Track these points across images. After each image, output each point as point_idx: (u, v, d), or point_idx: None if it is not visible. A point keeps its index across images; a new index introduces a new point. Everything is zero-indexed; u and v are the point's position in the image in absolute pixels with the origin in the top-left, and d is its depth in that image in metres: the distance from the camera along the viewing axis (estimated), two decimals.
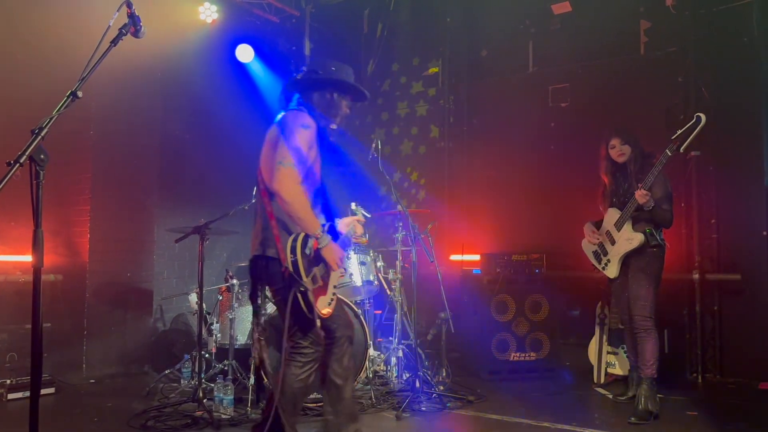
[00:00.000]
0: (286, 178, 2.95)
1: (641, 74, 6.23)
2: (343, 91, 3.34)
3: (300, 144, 3.05)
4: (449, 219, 7.21)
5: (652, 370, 4.29)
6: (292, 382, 3.06)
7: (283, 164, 2.97)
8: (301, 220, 2.98)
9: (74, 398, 5.03)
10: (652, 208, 4.25)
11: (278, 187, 2.95)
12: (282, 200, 2.96)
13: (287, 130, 3.07)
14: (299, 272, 2.92)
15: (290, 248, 2.93)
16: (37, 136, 2.15)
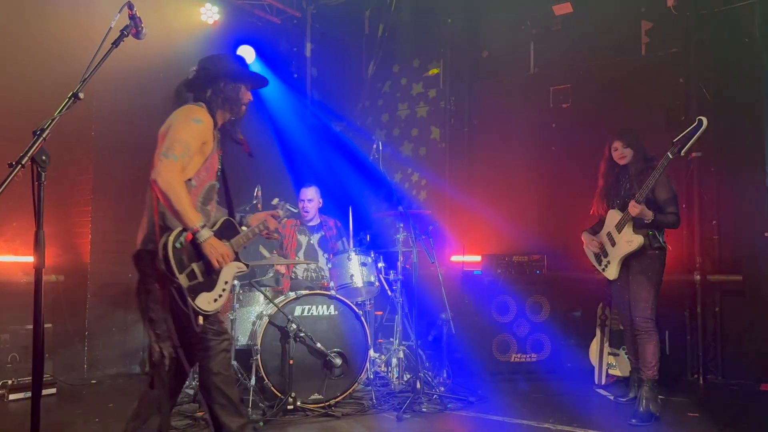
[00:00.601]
0: (165, 170, 2.87)
1: (642, 75, 6.23)
2: (237, 80, 3.29)
3: (188, 137, 3.00)
4: (450, 220, 7.22)
5: (654, 371, 4.28)
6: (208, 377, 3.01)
7: (166, 155, 2.91)
8: (177, 214, 2.90)
9: (75, 399, 5.04)
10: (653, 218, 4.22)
11: (155, 178, 2.87)
12: (158, 192, 2.87)
13: (177, 123, 3.04)
14: (171, 268, 2.85)
15: (162, 244, 2.87)
16: (38, 138, 2.15)
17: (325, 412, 4.41)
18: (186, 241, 2.91)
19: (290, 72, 7.86)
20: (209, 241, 2.97)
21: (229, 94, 3.26)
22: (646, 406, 4.20)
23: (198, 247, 2.95)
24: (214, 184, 3.24)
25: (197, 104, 3.19)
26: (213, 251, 2.98)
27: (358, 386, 4.75)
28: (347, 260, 5.03)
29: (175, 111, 3.17)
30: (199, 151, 3.07)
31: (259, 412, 4.29)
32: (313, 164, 7.45)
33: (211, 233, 3.00)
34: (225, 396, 3.03)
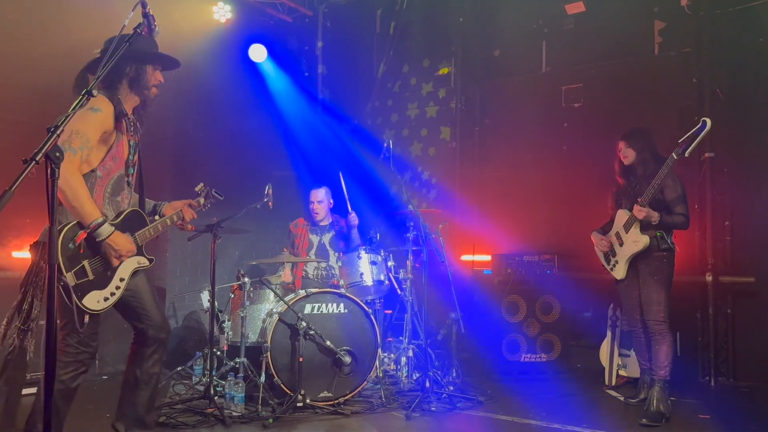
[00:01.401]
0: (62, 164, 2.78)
1: (655, 75, 6.19)
2: (143, 60, 3.16)
3: (85, 128, 2.86)
4: (460, 219, 7.20)
5: (666, 372, 4.28)
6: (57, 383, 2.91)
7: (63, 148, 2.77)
8: (74, 209, 2.81)
9: (87, 394, 5.05)
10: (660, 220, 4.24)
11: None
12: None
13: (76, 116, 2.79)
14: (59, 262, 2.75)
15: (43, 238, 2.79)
16: (52, 134, 2.17)
17: (334, 410, 4.43)
18: (78, 240, 2.79)
19: (301, 70, 7.87)
20: (110, 237, 2.88)
21: (135, 75, 3.14)
22: (656, 406, 4.19)
23: (95, 244, 2.85)
24: (122, 173, 3.12)
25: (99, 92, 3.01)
26: (112, 250, 2.90)
27: (367, 384, 4.76)
28: (357, 259, 5.04)
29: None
30: (101, 141, 2.95)
31: (269, 409, 4.30)
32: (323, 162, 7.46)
33: (112, 229, 2.90)
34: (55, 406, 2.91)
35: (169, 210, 3.44)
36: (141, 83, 3.16)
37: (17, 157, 2.18)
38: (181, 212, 3.42)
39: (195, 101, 6.65)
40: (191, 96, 6.60)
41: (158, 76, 3.26)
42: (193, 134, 6.70)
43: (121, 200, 3.13)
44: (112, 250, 2.90)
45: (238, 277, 4.96)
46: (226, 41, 6.75)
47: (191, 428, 4.00)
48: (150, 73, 3.20)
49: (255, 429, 4.04)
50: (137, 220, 3.13)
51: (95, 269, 2.92)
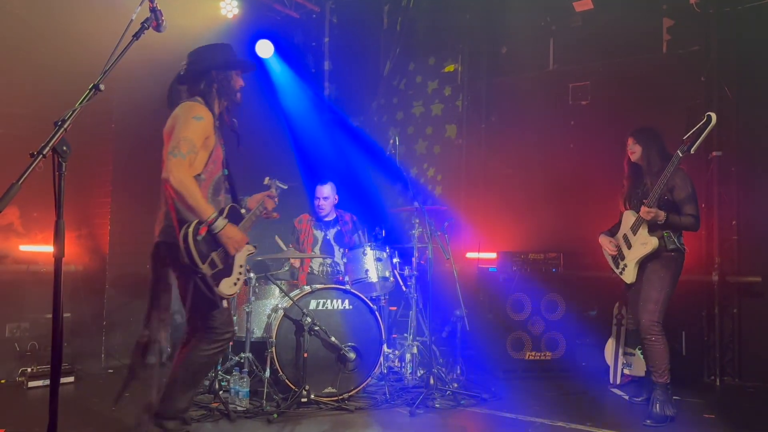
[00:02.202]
0: (175, 169, 3.01)
1: (663, 73, 6.16)
2: (227, 68, 3.40)
3: (192, 135, 3.10)
4: (466, 216, 7.19)
5: (665, 377, 4.21)
6: (196, 355, 3.21)
7: (173, 154, 3.03)
8: (191, 209, 3.05)
9: (93, 387, 5.10)
10: (666, 219, 4.19)
11: (167, 176, 3.01)
12: (171, 190, 3.02)
13: (180, 121, 3.14)
14: (193, 260, 3.01)
15: (182, 237, 3.01)
16: (60, 128, 2.18)
17: (339, 406, 4.43)
18: (200, 234, 3.04)
19: (307, 66, 7.87)
20: (224, 230, 3.10)
21: (221, 83, 3.36)
22: (660, 409, 4.15)
23: (214, 237, 3.08)
24: (221, 175, 3.35)
25: (194, 100, 3.28)
26: (229, 240, 3.13)
27: (372, 381, 4.77)
28: (362, 255, 5.04)
29: (175, 109, 3.26)
30: (203, 147, 3.17)
31: (274, 404, 4.32)
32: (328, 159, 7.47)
33: (225, 222, 3.13)
34: (194, 380, 3.27)
35: (252, 203, 3.66)
36: (228, 90, 3.40)
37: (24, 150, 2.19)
38: (264, 204, 3.63)
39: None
40: None
41: (241, 81, 3.49)
42: None
43: (220, 200, 3.35)
44: (228, 240, 3.13)
45: None
46: (233, 37, 6.74)
47: (196, 422, 4.01)
48: (234, 79, 3.44)
49: (259, 424, 4.05)
50: (236, 215, 3.36)
51: (222, 259, 3.15)
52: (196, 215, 3.06)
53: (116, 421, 4.10)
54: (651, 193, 4.20)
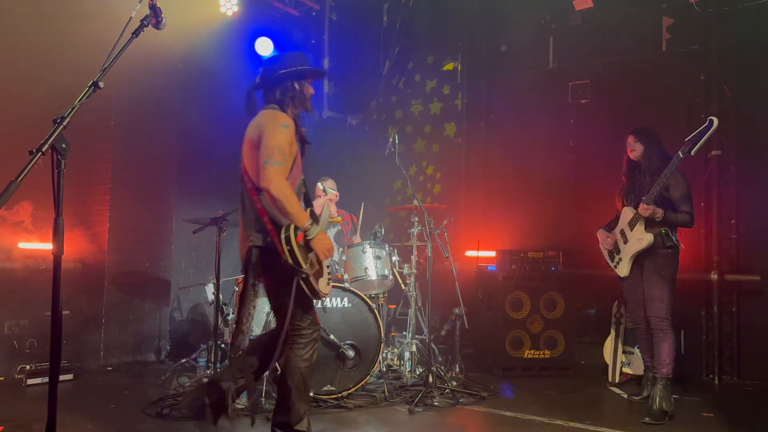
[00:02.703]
0: (274, 177, 3.09)
1: (663, 71, 6.16)
2: (301, 77, 3.48)
3: (282, 143, 3.19)
4: (465, 215, 7.20)
5: (668, 370, 4.27)
6: (298, 362, 3.27)
7: (270, 163, 3.12)
8: (290, 215, 3.14)
9: (92, 385, 5.11)
10: (664, 216, 4.26)
11: (267, 185, 3.09)
12: (271, 197, 3.10)
13: (269, 130, 3.22)
14: (298, 261, 3.10)
15: (285, 239, 3.10)
16: (59, 126, 2.18)
17: (338, 404, 4.43)
18: (299, 240, 3.16)
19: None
20: (318, 237, 3.23)
21: (296, 92, 3.45)
22: (659, 404, 4.18)
23: (307, 242, 3.20)
24: (301, 180, 3.46)
25: (272, 108, 3.39)
26: (320, 245, 3.24)
27: (371, 379, 4.77)
28: (362, 253, 5.04)
29: (258, 117, 3.38)
30: (289, 153, 3.28)
31: (272, 402, 4.31)
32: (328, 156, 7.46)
33: (318, 229, 3.25)
34: (304, 383, 3.31)
35: (317, 209, 3.76)
36: (301, 98, 3.48)
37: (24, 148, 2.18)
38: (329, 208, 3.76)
39: (201, 95, 6.66)
40: (198, 89, 6.62)
41: (311, 89, 3.57)
42: (199, 128, 6.71)
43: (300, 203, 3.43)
44: (321, 246, 3.24)
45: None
46: (232, 34, 6.74)
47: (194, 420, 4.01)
48: (306, 87, 3.52)
49: (258, 421, 4.05)
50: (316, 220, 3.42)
51: (316, 260, 3.27)
52: (292, 221, 3.15)
53: (115, 418, 4.10)
54: (650, 191, 4.25)
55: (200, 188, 6.64)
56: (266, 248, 3.20)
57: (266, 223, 3.18)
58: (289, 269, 3.13)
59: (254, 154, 3.24)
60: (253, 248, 3.24)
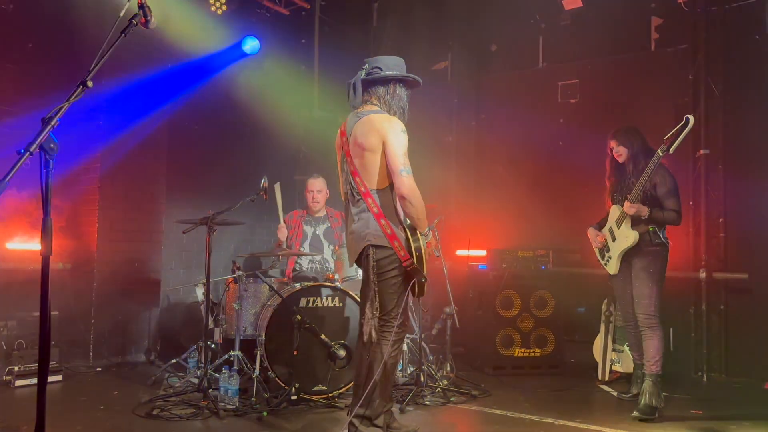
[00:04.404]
0: (412, 184, 3.34)
1: (651, 71, 6.20)
2: (403, 83, 3.61)
3: (405, 149, 3.39)
4: (456, 213, 7.21)
5: (657, 366, 4.29)
6: (385, 358, 3.39)
7: (405, 171, 3.34)
8: (420, 221, 3.40)
9: (81, 386, 5.08)
10: (650, 213, 4.29)
11: (408, 193, 3.32)
12: (410, 204, 3.34)
13: (394, 137, 3.36)
14: (423, 264, 3.36)
15: (415, 247, 3.36)
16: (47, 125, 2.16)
17: (329, 404, 4.43)
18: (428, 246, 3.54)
19: (297, 64, 7.83)
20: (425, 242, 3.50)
21: (399, 97, 3.57)
22: (648, 400, 4.20)
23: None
24: None
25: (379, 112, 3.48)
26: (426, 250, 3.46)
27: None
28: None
29: (372, 121, 3.44)
30: None
31: (263, 402, 4.31)
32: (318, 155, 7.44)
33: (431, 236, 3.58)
34: (389, 380, 3.45)
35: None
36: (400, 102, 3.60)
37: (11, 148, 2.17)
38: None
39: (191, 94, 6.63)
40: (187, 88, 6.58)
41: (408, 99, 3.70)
42: (189, 127, 6.69)
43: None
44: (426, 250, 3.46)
45: (233, 270, 4.95)
46: (222, 33, 6.72)
47: (185, 421, 4.00)
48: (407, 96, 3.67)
49: (249, 422, 4.05)
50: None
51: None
52: (420, 227, 3.42)
53: (104, 419, 4.08)
54: (634, 189, 4.29)
55: (190, 188, 6.62)
56: (384, 248, 3.35)
57: (383, 226, 3.35)
58: (412, 271, 3.34)
59: (371, 158, 3.38)
60: (372, 247, 3.37)
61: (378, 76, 3.52)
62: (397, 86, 3.56)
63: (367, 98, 3.53)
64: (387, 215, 3.37)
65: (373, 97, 3.53)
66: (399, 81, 3.57)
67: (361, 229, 3.42)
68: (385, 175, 3.40)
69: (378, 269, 3.38)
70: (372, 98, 3.53)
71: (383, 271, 3.37)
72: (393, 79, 3.54)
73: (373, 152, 3.36)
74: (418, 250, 3.35)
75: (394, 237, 3.34)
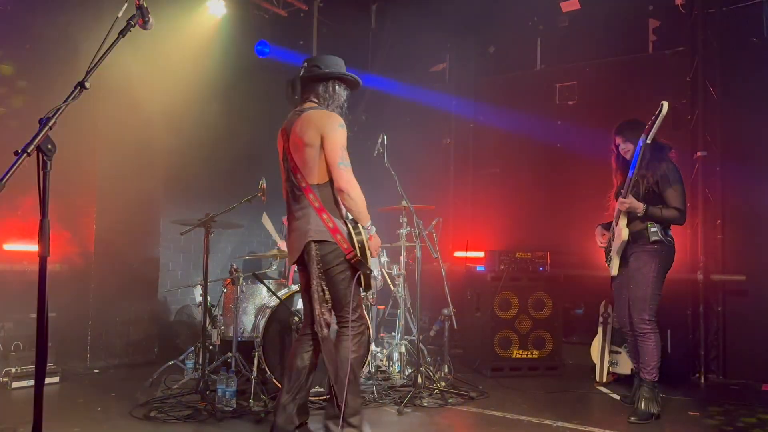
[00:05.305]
0: (350, 177, 3.30)
1: (649, 73, 6.22)
2: (343, 80, 3.59)
3: (344, 142, 3.36)
4: (454, 215, 7.21)
5: (653, 375, 4.23)
6: (347, 354, 3.35)
7: (343, 164, 3.30)
8: (360, 214, 3.37)
9: (78, 387, 5.06)
10: (645, 212, 4.18)
11: (345, 185, 3.29)
12: (348, 198, 3.31)
13: (332, 131, 3.33)
14: (366, 257, 3.33)
15: (358, 240, 3.33)
16: (44, 126, 2.16)
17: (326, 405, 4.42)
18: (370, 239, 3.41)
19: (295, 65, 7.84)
20: (374, 235, 3.47)
21: (335, 92, 3.55)
22: (645, 406, 4.18)
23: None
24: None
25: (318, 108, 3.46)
26: (375, 243, 3.47)
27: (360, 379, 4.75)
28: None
29: (310, 116, 3.41)
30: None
31: (261, 404, 4.30)
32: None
33: (375, 229, 3.44)
34: (354, 375, 3.40)
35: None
36: (337, 101, 3.57)
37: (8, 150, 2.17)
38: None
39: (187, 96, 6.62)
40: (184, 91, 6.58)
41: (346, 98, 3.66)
42: (186, 129, 6.68)
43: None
44: (375, 244, 3.47)
45: (231, 272, 4.95)
46: (220, 35, 6.72)
47: (182, 422, 3.99)
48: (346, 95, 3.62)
49: (247, 424, 4.04)
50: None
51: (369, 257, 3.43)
52: (360, 219, 3.38)
53: (102, 421, 4.07)
54: (626, 184, 4.18)
55: (188, 190, 6.61)
56: (327, 243, 3.33)
57: (325, 221, 3.33)
58: (355, 264, 3.31)
59: (311, 154, 3.35)
60: (314, 243, 3.34)
61: (316, 74, 3.51)
62: (336, 85, 3.54)
63: (306, 96, 3.52)
64: (328, 209, 3.35)
65: (311, 95, 3.52)
66: (338, 79, 3.55)
67: (303, 226, 3.39)
68: (325, 170, 3.36)
69: (324, 265, 3.35)
70: (311, 96, 3.52)
71: (330, 266, 3.34)
72: (332, 78, 3.53)
73: (313, 147, 3.33)
74: (361, 242, 3.32)
75: (336, 231, 3.32)
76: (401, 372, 5.14)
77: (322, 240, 3.33)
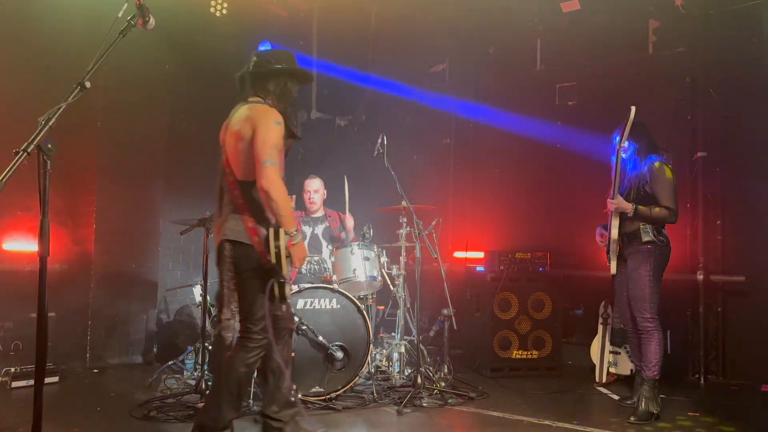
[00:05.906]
0: (275, 177, 3.05)
1: (649, 73, 6.21)
2: (293, 77, 3.42)
3: (277, 141, 3.13)
4: (454, 216, 7.21)
5: (654, 372, 4.26)
6: (239, 366, 3.17)
7: (269, 162, 3.06)
8: (282, 217, 3.09)
9: (77, 387, 5.07)
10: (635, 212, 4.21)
11: (267, 184, 3.03)
12: (269, 197, 3.05)
13: (264, 126, 3.13)
14: (281, 264, 3.05)
15: (274, 244, 3.05)
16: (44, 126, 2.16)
17: (326, 405, 4.43)
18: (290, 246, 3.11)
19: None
20: (299, 244, 3.19)
21: (286, 90, 3.37)
22: (645, 405, 4.19)
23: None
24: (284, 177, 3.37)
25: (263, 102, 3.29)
26: (300, 252, 3.20)
27: (359, 380, 4.76)
28: (350, 254, 5.04)
29: (247, 109, 3.26)
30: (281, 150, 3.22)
31: (260, 404, 4.30)
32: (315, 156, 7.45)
33: (301, 237, 3.20)
34: (239, 388, 3.22)
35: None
36: (288, 96, 3.38)
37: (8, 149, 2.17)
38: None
39: (189, 95, 6.63)
40: (186, 90, 6.58)
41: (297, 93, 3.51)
42: (187, 128, 6.68)
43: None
44: (299, 252, 3.19)
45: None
46: (221, 35, 6.71)
47: (182, 422, 3.99)
48: (296, 90, 3.45)
49: (246, 423, 4.03)
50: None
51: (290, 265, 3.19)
52: (282, 223, 3.09)
53: (101, 421, 4.07)
54: (612, 185, 4.22)
55: (187, 190, 6.61)
56: (242, 244, 3.13)
57: (246, 220, 3.14)
58: (269, 270, 3.07)
59: (241, 147, 3.16)
60: (226, 242, 3.17)
61: (267, 69, 3.34)
62: (288, 81, 3.37)
63: (255, 92, 3.34)
64: (251, 208, 3.15)
65: (260, 91, 3.33)
66: (289, 75, 3.38)
67: (221, 223, 3.24)
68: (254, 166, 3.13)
69: (236, 268, 3.16)
70: (259, 92, 3.33)
71: (241, 269, 3.16)
72: (283, 73, 3.35)
73: (244, 141, 3.14)
74: (278, 248, 3.04)
75: (255, 232, 3.12)
76: (401, 372, 5.14)
77: (237, 240, 3.14)
